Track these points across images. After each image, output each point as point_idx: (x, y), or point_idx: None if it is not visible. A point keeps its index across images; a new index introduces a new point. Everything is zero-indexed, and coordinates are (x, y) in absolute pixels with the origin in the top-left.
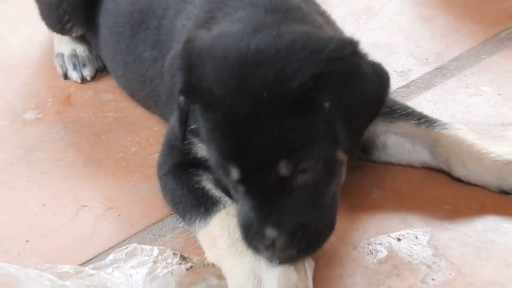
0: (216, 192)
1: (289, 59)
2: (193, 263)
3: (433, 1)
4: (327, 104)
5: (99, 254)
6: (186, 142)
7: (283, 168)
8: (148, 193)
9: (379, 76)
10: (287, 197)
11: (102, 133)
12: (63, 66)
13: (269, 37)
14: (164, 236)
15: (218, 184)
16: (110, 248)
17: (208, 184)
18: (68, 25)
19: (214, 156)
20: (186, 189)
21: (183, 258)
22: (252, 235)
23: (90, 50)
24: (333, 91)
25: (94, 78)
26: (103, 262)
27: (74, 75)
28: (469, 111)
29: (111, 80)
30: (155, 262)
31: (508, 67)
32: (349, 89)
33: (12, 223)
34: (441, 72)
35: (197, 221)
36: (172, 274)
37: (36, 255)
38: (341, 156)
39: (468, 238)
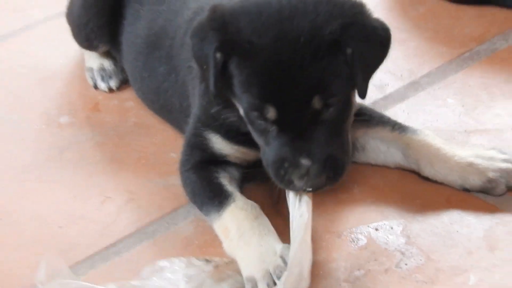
0: (230, 188)
1: (318, 11)
2: (216, 262)
3: (407, 26)
4: (349, 50)
5: (121, 239)
6: (202, 138)
7: (317, 103)
8: (163, 187)
9: (385, 30)
10: (317, 130)
11: (125, 136)
12: (93, 78)
13: None
14: (176, 224)
15: (232, 180)
16: (130, 234)
17: (224, 180)
18: (94, 42)
19: (250, 101)
20: (205, 183)
21: (206, 260)
22: (285, 169)
23: (115, 64)
24: (354, 39)
25: (119, 88)
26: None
27: (102, 86)
28: (437, 120)
29: (133, 91)
30: (187, 266)
31: (471, 83)
32: (366, 39)
33: (47, 211)
34: (414, 87)
35: (211, 213)
36: (203, 275)
37: (64, 241)
38: (353, 97)
39: (436, 229)
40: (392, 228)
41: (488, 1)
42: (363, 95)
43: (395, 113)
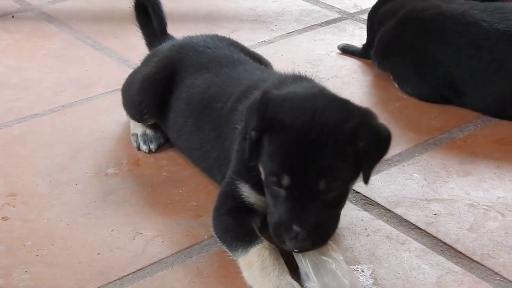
0: (258, 232)
1: (342, 111)
2: None
3: (385, 117)
4: (361, 144)
5: (146, 266)
6: (236, 189)
7: (322, 184)
8: (184, 228)
9: (388, 132)
10: (315, 205)
11: (157, 186)
12: (136, 141)
13: (328, 99)
14: (191, 257)
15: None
16: (154, 262)
17: (254, 224)
18: (145, 117)
19: (272, 167)
20: (237, 224)
21: None
22: (281, 231)
23: (155, 132)
24: (366, 135)
25: (157, 150)
26: None
27: (144, 147)
28: (404, 189)
29: (167, 152)
30: None
31: (432, 162)
32: (375, 136)
33: (90, 241)
34: (387, 163)
35: (240, 249)
36: None
37: (102, 264)
38: (351, 185)
39: (398, 274)
40: (363, 271)
41: (449, 101)
42: (367, 181)
43: (372, 182)
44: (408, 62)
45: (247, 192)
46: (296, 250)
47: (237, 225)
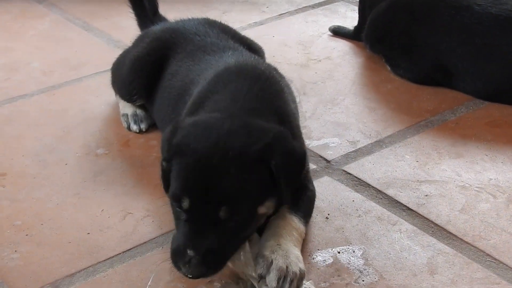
0: None
1: (249, 136)
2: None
3: (377, 98)
4: (273, 162)
5: (136, 246)
6: None
7: (223, 213)
8: None
9: (301, 149)
10: (212, 232)
11: (147, 166)
12: (127, 121)
13: (237, 124)
14: None
15: None
16: (144, 242)
17: None
18: (134, 97)
19: (174, 189)
20: None
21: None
22: (177, 255)
23: (145, 112)
24: (275, 156)
25: (147, 130)
26: None
27: (134, 127)
28: (396, 171)
29: (157, 133)
30: None
31: (424, 144)
32: (285, 156)
33: (80, 221)
34: (379, 144)
35: None
36: None
37: (92, 244)
38: (261, 210)
39: (389, 254)
40: (354, 251)
41: (441, 83)
42: (286, 200)
43: (363, 163)
44: (399, 45)
45: None
46: (191, 276)
47: None
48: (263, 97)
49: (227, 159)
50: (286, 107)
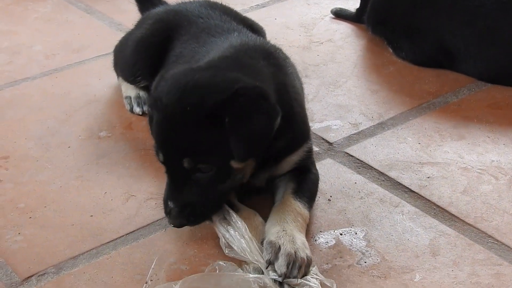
0: (233, 200)
1: (211, 88)
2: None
3: (379, 81)
4: (227, 119)
5: (139, 228)
6: None
7: (186, 163)
8: None
9: (272, 111)
10: (187, 183)
11: (150, 149)
12: (130, 104)
13: (206, 76)
14: None
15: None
16: (147, 225)
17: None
18: (138, 79)
19: (154, 143)
20: None
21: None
22: (164, 206)
23: (148, 94)
24: (233, 112)
25: None
26: None
27: (137, 109)
28: (398, 153)
29: None
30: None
31: (426, 126)
32: (243, 115)
33: (83, 203)
34: (381, 126)
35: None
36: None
37: (95, 226)
38: (235, 165)
39: (391, 236)
40: (356, 233)
41: (443, 65)
42: (238, 157)
43: (365, 146)
44: (401, 27)
45: None
46: (173, 226)
47: None
48: (266, 69)
49: (184, 114)
50: (288, 80)
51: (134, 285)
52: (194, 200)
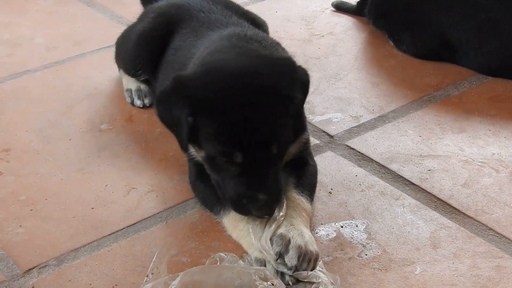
0: None
1: (268, 70)
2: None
3: (380, 74)
4: (296, 100)
5: (140, 221)
6: (192, 156)
7: (275, 149)
8: (178, 183)
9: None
10: (269, 172)
11: (151, 142)
12: (130, 96)
13: (249, 59)
14: (185, 212)
15: None
16: (148, 217)
17: None
18: (139, 72)
19: (219, 148)
20: (211, 189)
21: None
22: (244, 203)
23: (149, 87)
24: (298, 90)
25: (150, 105)
26: None
27: (138, 102)
28: (398, 146)
29: None
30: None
31: (427, 119)
32: (303, 89)
33: (84, 196)
34: (382, 119)
35: (222, 211)
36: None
37: (96, 219)
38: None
39: (392, 229)
40: (357, 226)
41: (444, 58)
42: (303, 130)
43: (366, 138)
44: (402, 20)
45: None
46: (266, 217)
47: (211, 190)
48: (264, 52)
49: (263, 100)
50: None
51: (135, 277)
52: (279, 184)
